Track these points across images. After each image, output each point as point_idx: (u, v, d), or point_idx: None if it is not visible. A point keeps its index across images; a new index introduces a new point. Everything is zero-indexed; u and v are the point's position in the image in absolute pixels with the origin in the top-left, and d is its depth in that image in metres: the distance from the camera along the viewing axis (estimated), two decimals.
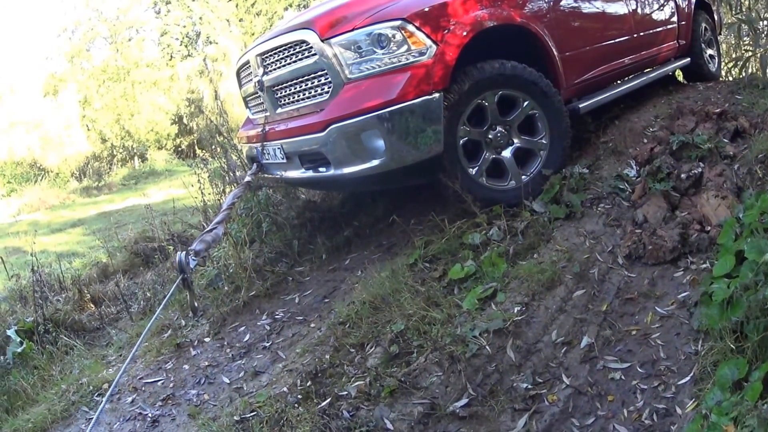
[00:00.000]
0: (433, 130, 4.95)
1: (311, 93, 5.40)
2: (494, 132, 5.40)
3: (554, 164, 5.56)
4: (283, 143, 5.59)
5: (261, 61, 5.84)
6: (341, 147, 4.99)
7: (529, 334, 4.12)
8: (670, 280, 4.35)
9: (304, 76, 5.40)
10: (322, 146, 5.11)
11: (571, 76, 6.08)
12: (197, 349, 5.46)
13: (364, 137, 4.91)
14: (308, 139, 5.24)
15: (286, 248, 6.48)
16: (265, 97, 5.93)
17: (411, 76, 4.89)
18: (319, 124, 5.08)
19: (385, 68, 4.94)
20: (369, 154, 4.94)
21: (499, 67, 5.29)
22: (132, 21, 42.19)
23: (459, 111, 5.17)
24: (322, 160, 5.25)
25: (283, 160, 5.71)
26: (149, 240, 9.68)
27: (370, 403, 3.88)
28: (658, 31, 7.99)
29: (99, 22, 41.17)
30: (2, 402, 5.75)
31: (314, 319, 5.26)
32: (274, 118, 5.98)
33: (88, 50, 41.50)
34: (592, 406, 3.60)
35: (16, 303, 8.28)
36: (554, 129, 5.57)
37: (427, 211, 5.80)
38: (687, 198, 5.05)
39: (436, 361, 4.03)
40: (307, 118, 5.36)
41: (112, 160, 37.76)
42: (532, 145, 5.56)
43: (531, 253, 4.86)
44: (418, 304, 4.57)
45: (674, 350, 3.76)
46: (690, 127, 6.08)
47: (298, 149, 5.44)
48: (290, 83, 5.58)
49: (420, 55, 4.92)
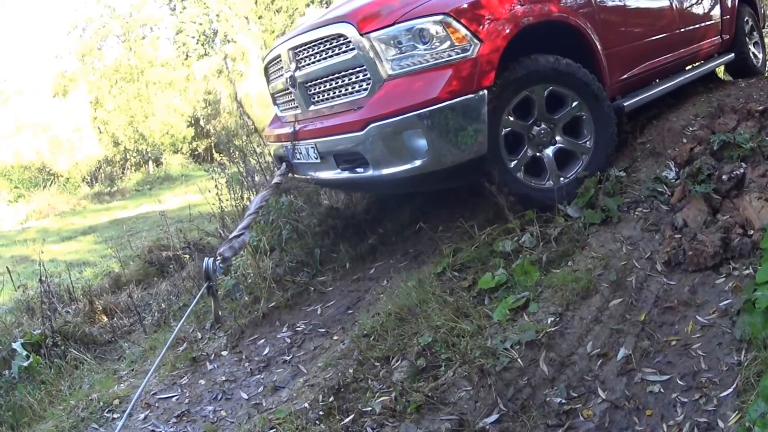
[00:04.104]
0: (476, 130, 4.93)
1: (348, 89, 5.40)
2: (538, 128, 5.39)
3: (594, 170, 5.51)
4: (317, 142, 5.58)
5: (293, 56, 5.82)
6: (381, 147, 4.99)
7: (563, 345, 4.10)
8: (711, 287, 4.29)
9: (341, 71, 5.39)
10: (360, 146, 5.10)
11: (615, 74, 6.07)
12: (214, 363, 5.48)
13: (405, 137, 4.90)
14: (345, 138, 5.23)
15: (307, 257, 6.49)
16: (297, 93, 5.92)
17: (454, 73, 4.87)
18: (358, 122, 5.07)
19: (427, 65, 4.92)
20: (410, 155, 4.94)
21: (554, 62, 5.31)
22: (146, 18, 42.39)
23: (505, 101, 5.16)
24: (360, 160, 5.25)
25: (316, 160, 5.69)
26: (164, 248, 9.72)
27: (395, 420, 3.89)
28: (700, 26, 7.97)
29: (111, 19, 41.37)
30: (6, 418, 5.75)
31: (337, 331, 5.28)
32: (306, 115, 5.97)
33: (100, 48, 41.78)
34: (630, 421, 3.57)
35: (22, 315, 8.30)
36: (600, 134, 5.55)
37: (455, 217, 5.80)
38: (729, 200, 4.99)
39: (465, 374, 4.02)
40: (343, 116, 5.37)
41: (125, 164, 37.93)
42: (576, 147, 5.55)
43: (565, 261, 4.83)
44: (447, 315, 4.55)
45: (716, 361, 3.72)
46: (731, 126, 6.03)
47: (334, 149, 5.43)
48: (325, 79, 5.58)
49: (463, 52, 4.90)
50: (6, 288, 9.13)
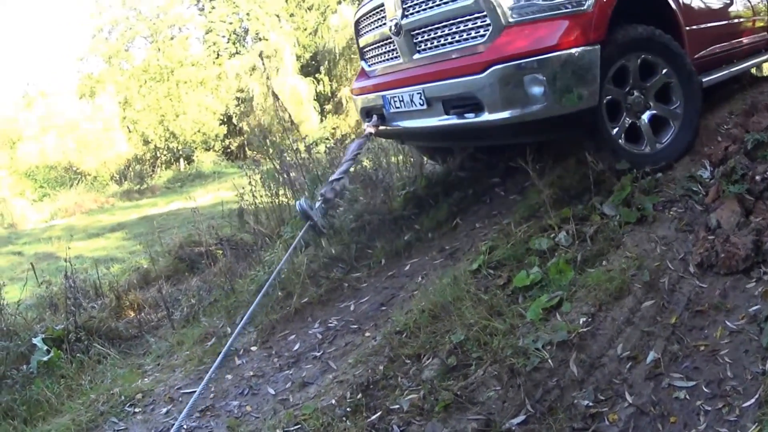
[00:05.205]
0: (590, 81, 5.08)
1: (464, 36, 5.49)
2: (633, 96, 5.54)
3: (686, 136, 5.71)
4: (425, 88, 5.69)
5: (401, 3, 5.87)
6: (501, 90, 5.11)
7: (593, 347, 4.09)
8: (742, 291, 4.25)
9: (458, 17, 5.47)
10: (478, 89, 5.22)
11: (694, 50, 6.19)
12: (242, 358, 5.53)
13: (526, 81, 5.03)
14: (462, 81, 5.35)
15: (342, 253, 6.52)
16: (402, 41, 6.00)
17: (571, 24, 5.03)
18: (479, 65, 5.19)
19: (545, 15, 5.08)
20: (529, 99, 5.06)
21: (650, 32, 5.46)
22: (174, 19, 42.76)
23: (606, 68, 5.27)
24: (473, 105, 5.36)
25: (422, 106, 5.78)
26: (195, 245, 9.79)
27: (422, 418, 3.91)
28: (754, 19, 8.17)
29: (138, 21, 41.74)
30: (20, 412, 5.75)
31: (369, 327, 5.31)
32: (407, 65, 6.07)
33: (127, 50, 42.18)
34: (654, 427, 3.55)
35: (45, 311, 8.38)
36: (688, 103, 5.67)
37: (492, 213, 5.83)
38: (761, 201, 4.91)
39: (495, 374, 4.03)
40: (459, 61, 5.48)
41: (155, 162, 38.21)
42: (668, 113, 5.67)
43: (600, 260, 4.81)
44: (480, 314, 4.55)
45: (741, 369, 3.69)
46: (765, 125, 5.97)
47: (445, 93, 5.56)
48: (438, 25, 5.65)
49: (579, 6, 5.05)
50: (29, 284, 9.20)
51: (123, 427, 5.04)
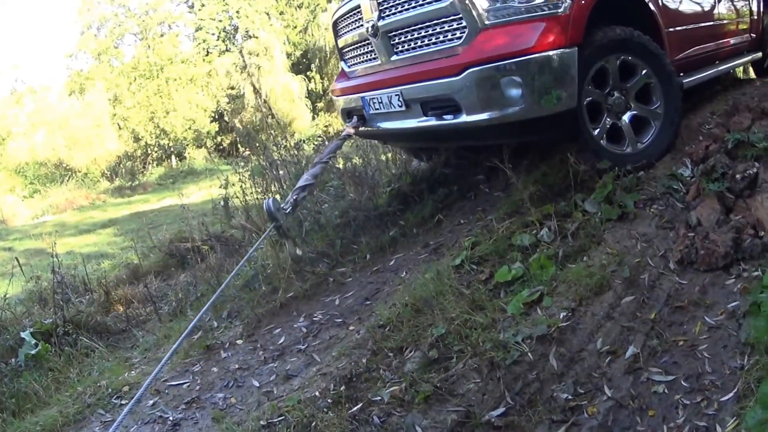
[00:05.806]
0: (569, 83, 5.13)
1: (440, 38, 5.53)
2: (613, 97, 5.61)
3: (667, 136, 5.79)
4: (402, 90, 5.73)
5: (377, 5, 5.89)
6: (477, 92, 5.16)
7: (573, 341, 4.14)
8: (721, 288, 4.30)
9: (434, 19, 5.51)
10: (455, 91, 5.27)
11: (674, 51, 6.26)
12: (228, 351, 5.58)
13: (503, 83, 5.08)
14: (439, 83, 5.40)
15: (327, 248, 6.59)
16: (379, 43, 6.02)
17: (548, 27, 5.07)
18: (455, 67, 5.24)
19: (522, 17, 5.13)
20: (506, 101, 5.11)
21: (629, 33, 5.53)
22: (163, 16, 42.81)
23: (585, 70, 5.33)
24: (451, 106, 5.41)
25: (400, 108, 5.83)
26: (185, 240, 9.81)
27: (402, 410, 3.96)
28: (737, 21, 8.24)
29: (127, 18, 41.73)
30: (9, 405, 5.79)
31: (353, 321, 5.37)
32: (385, 66, 6.10)
33: (117, 47, 42.16)
34: (632, 420, 3.60)
35: (33, 305, 8.42)
36: (668, 103, 5.75)
37: (476, 210, 5.89)
38: (741, 200, 4.96)
39: (475, 367, 4.08)
40: (436, 62, 5.51)
41: (146, 159, 38.19)
42: (648, 113, 5.75)
43: (581, 256, 4.87)
44: (462, 308, 4.61)
45: (720, 364, 3.74)
46: (746, 125, 6.03)
47: (422, 95, 5.61)
48: (415, 27, 5.69)
49: (555, 8, 5.08)
50: (18, 280, 9.21)
51: (110, 418, 5.07)
